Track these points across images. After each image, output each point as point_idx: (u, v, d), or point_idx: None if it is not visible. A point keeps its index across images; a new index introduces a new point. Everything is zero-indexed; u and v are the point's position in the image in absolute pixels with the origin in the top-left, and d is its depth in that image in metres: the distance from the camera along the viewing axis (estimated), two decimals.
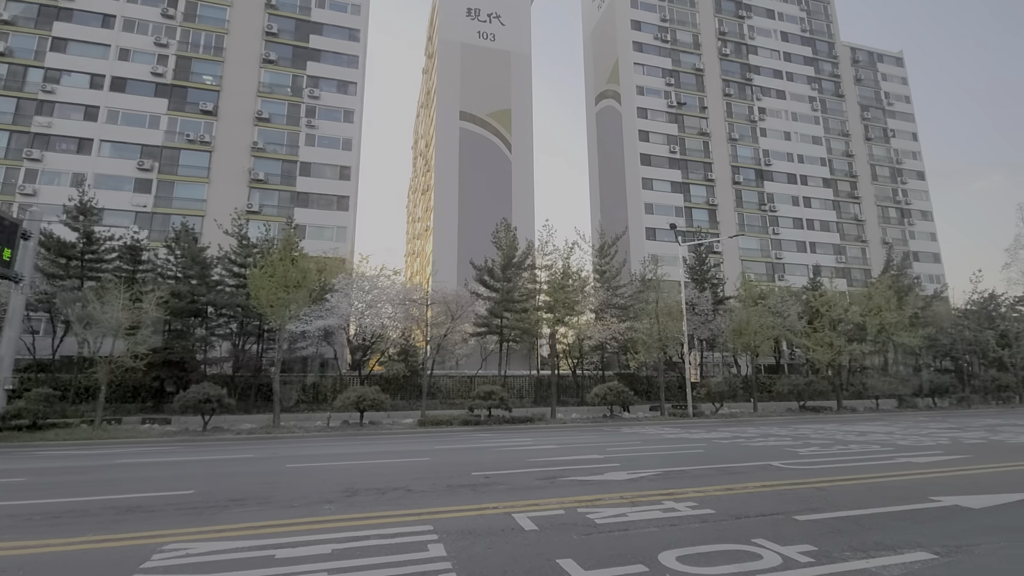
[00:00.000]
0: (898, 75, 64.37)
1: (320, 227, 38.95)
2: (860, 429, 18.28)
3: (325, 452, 13.74)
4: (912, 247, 58.49)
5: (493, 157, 59.24)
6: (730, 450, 12.97)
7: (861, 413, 27.48)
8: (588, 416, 24.91)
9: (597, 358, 33.85)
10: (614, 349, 32.41)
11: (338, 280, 26.89)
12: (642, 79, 52.78)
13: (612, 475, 9.01)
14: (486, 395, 22.52)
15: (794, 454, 11.74)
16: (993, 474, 8.76)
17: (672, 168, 51.18)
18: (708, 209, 51.43)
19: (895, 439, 14.70)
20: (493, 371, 32.87)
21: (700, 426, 21.15)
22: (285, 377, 28.38)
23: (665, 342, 26.47)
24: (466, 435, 18.67)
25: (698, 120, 53.54)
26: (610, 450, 13.16)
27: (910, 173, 60.98)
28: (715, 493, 7.35)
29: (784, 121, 56.78)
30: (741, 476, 8.85)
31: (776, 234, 52.70)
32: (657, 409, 27.41)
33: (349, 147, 41.37)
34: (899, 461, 10.43)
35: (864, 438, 15.14)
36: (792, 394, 27.91)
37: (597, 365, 34.15)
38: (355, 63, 43.23)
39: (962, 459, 10.67)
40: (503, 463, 10.81)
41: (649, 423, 23.22)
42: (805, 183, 55.61)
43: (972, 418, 23.76)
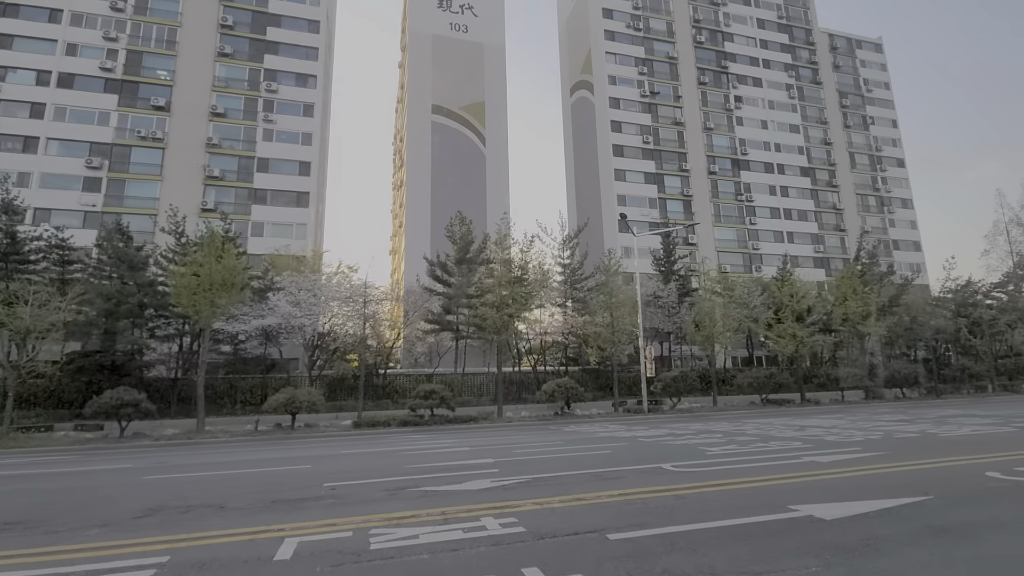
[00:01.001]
0: (877, 61, 63.52)
1: (279, 224, 37.90)
2: (805, 423, 17.49)
3: (216, 460, 12.83)
4: (892, 235, 57.79)
5: (467, 151, 58.23)
6: (642, 450, 12.14)
7: (824, 406, 26.71)
8: (539, 414, 24.08)
9: (562, 354, 33.00)
10: (577, 344, 31.57)
11: (283, 278, 25.94)
12: (614, 68, 51.79)
13: (472, 484, 8.15)
14: (426, 395, 21.64)
15: (703, 454, 10.92)
16: (885, 475, 7.92)
17: (645, 159, 50.28)
18: (683, 200, 50.56)
19: (828, 434, 13.88)
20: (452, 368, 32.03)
21: (645, 423, 20.31)
22: (233, 379, 27.49)
23: (619, 336, 25.63)
24: (394, 437, 17.80)
25: (672, 109, 52.61)
26: (516, 452, 12.33)
27: (890, 160, 60.22)
28: (554, 505, 6.50)
29: (761, 109, 55.91)
30: (613, 482, 8.01)
31: (753, 224, 51.90)
32: (634, 403, 26.56)
33: (309, 142, 40.30)
34: (804, 460, 9.60)
35: (799, 433, 14.33)
36: (752, 387, 27.13)
37: (562, 361, 33.31)
38: (315, 55, 42.11)
39: (872, 457, 9.85)
40: (376, 471, 9.96)
41: (598, 420, 22.38)
42: (782, 172, 54.80)
43: (933, 409, 23.01)
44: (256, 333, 24.82)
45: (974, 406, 23.83)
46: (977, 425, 15.19)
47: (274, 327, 24.23)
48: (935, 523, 5.19)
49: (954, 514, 5.52)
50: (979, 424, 15.48)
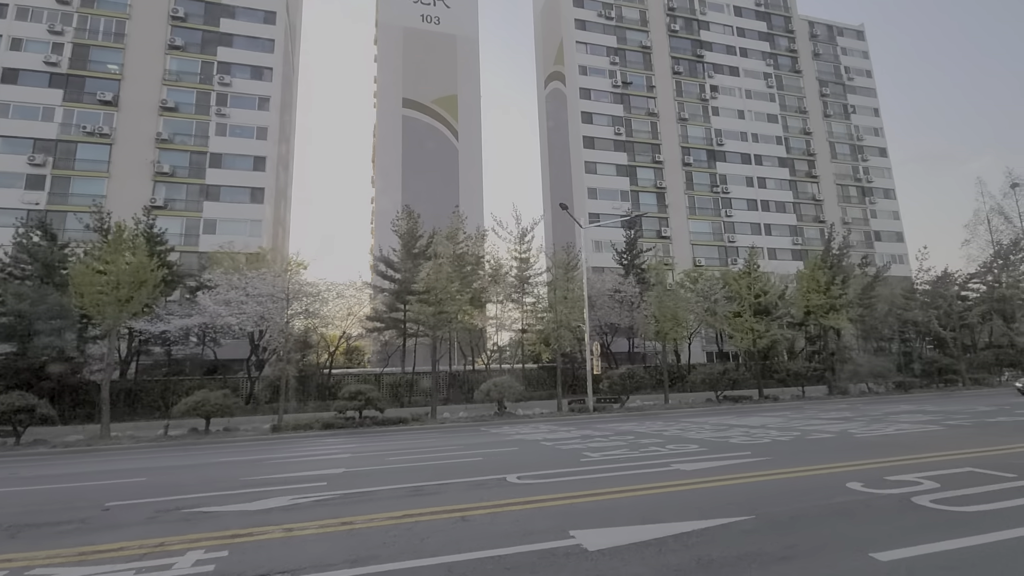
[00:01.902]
0: (859, 49, 62.20)
1: (232, 221, 36.85)
2: (737, 423, 16.48)
3: (64, 472, 11.85)
4: (874, 226, 56.61)
5: (439, 145, 57.16)
6: (521, 457, 11.19)
7: (780, 403, 25.67)
8: (478, 415, 23.07)
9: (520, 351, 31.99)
10: (534, 341, 30.57)
11: (214, 276, 24.91)
12: (585, 58, 50.57)
13: (269, 502, 7.29)
14: (352, 396, 20.65)
15: (578, 461, 10.01)
16: (732, 487, 6.97)
17: (617, 151, 49.10)
18: (656, 192, 49.41)
19: (741, 436, 12.86)
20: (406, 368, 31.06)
21: (578, 424, 19.30)
22: (154, 382, 26.47)
23: (563, 332, 24.58)
24: (296, 443, 16.82)
25: (645, 100, 51.39)
26: (389, 460, 11.39)
27: (872, 150, 58.98)
28: (309, 532, 5.66)
29: (737, 99, 54.67)
30: (424, 498, 7.24)
31: (729, 216, 50.74)
32: (578, 402, 25.52)
33: (265, 136, 39.21)
34: (670, 469, 8.64)
35: (714, 434, 13.34)
36: (706, 384, 26.08)
37: (519, 359, 32.30)
38: (271, 48, 40.98)
39: (752, 463, 8.87)
40: (197, 485, 9.00)
41: (537, 420, 21.39)
42: (760, 163, 53.60)
43: (887, 405, 21.98)
44: (190, 333, 23.82)
45: (931, 401, 22.80)
46: (910, 423, 14.19)
47: (199, 327, 23.20)
48: (711, 555, 4.30)
49: (749, 542, 4.61)
50: (915, 422, 14.47)
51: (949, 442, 10.42)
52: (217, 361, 28.70)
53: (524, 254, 33.58)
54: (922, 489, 6.50)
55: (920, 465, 8.05)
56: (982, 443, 10.13)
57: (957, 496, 6.08)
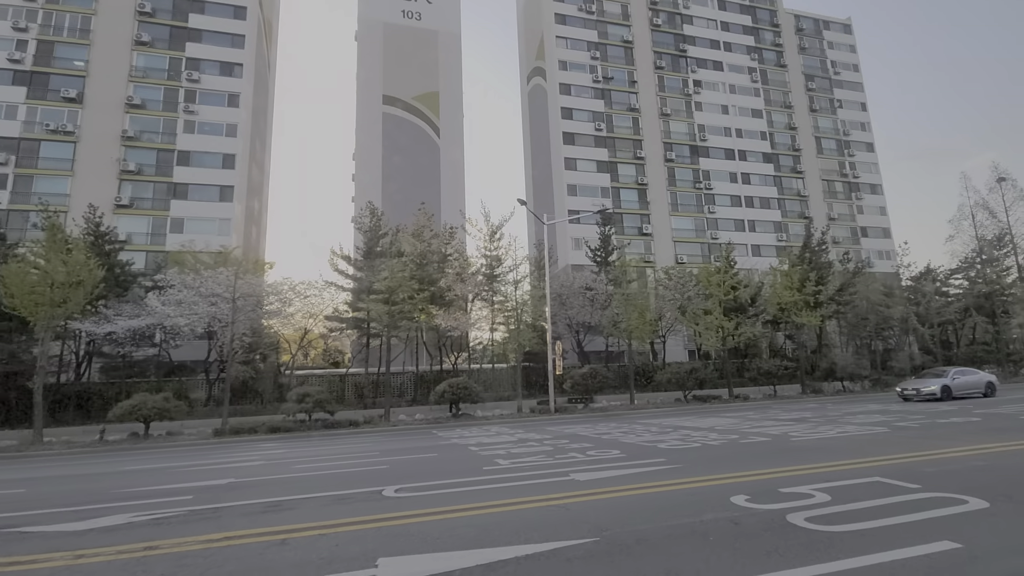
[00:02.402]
0: (846, 43, 61.51)
1: (200, 220, 36.19)
2: (689, 424, 15.87)
3: None
4: (861, 222, 55.97)
5: (420, 142, 56.52)
6: (431, 464, 10.62)
7: (750, 402, 25.04)
8: (434, 416, 22.44)
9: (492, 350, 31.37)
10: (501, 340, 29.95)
11: (166, 276, 24.28)
12: (565, 53, 49.88)
13: (101, 520, 6.76)
14: (300, 398, 20.01)
15: (480, 470, 9.35)
16: (607, 501, 6.36)
17: (598, 147, 48.44)
18: (638, 189, 48.75)
19: (677, 439, 12.24)
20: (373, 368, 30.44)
21: (530, 425, 18.67)
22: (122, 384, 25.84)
23: (524, 331, 23.95)
24: (238, 447, 16.24)
25: (627, 95, 50.71)
26: (295, 468, 10.79)
27: (858, 145, 58.31)
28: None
29: (721, 94, 53.99)
30: (276, 516, 6.63)
31: (712, 213, 50.11)
32: (545, 403, 24.92)
33: (235, 133, 38.53)
34: (566, 479, 8.04)
35: (654, 437, 12.75)
36: (673, 384, 25.45)
37: (490, 359, 31.68)
38: (241, 43, 40.28)
39: (660, 471, 8.31)
40: (70, 498, 8.36)
41: (493, 422, 20.77)
42: (744, 159, 52.95)
43: (851, 405, 21.35)
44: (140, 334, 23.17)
45: (900, 401, 22.18)
46: (860, 425, 13.58)
47: (147, 328, 22.56)
48: None
49: (564, 572, 4.11)
50: (866, 424, 13.86)
51: (882, 447, 9.82)
52: (182, 363, 28.08)
53: (495, 251, 33.18)
54: (807, 504, 5.92)
55: (829, 474, 7.45)
56: (914, 447, 9.52)
57: (839, 512, 5.49)
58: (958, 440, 10.06)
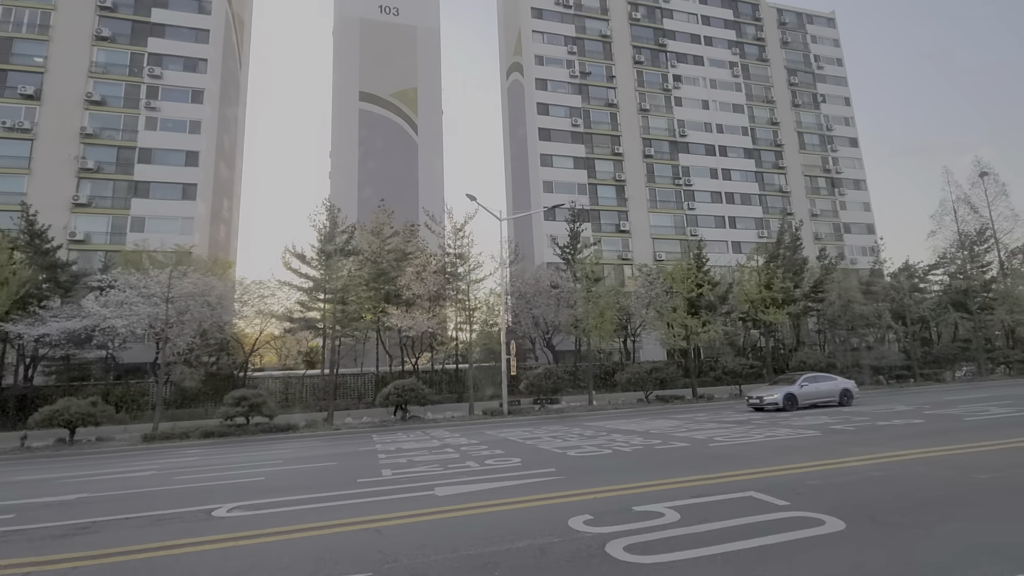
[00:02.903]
0: (829, 36, 60.77)
1: (162, 219, 35.37)
2: (629, 428, 15.25)
3: None
4: (844, 218, 55.28)
5: (397, 139, 55.73)
6: (316, 476, 10.15)
7: (717, 401, 24.38)
8: (380, 419, 21.73)
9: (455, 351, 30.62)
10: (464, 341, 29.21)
11: (110, 276, 23.52)
12: (542, 48, 49.09)
13: None
14: (236, 401, 19.29)
15: (354, 482, 8.75)
16: (424, 524, 5.61)
17: (575, 143, 47.67)
18: (615, 185, 48.01)
19: (599, 445, 11.55)
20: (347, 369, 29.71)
21: (473, 429, 17.98)
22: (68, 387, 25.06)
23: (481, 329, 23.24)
24: (158, 453, 15.61)
25: (605, 90, 49.93)
26: (177, 480, 10.11)
27: (842, 140, 57.60)
28: None
29: (702, 89, 53.23)
30: (74, 540, 5.82)
31: (692, 209, 49.38)
32: (515, 403, 24.21)
33: (198, 130, 37.69)
34: (426, 494, 7.34)
35: (575, 443, 12.00)
36: (633, 384, 24.74)
37: (455, 359, 30.96)
38: (206, 38, 39.42)
39: (523, 486, 7.68)
40: None
41: (442, 425, 20.08)
42: (725, 154, 52.21)
43: None
44: (75, 335, 22.38)
45: (860, 401, 21.51)
46: (793, 429, 12.95)
47: (83, 331, 21.76)
48: None
49: None
50: (801, 427, 13.22)
51: (795, 454, 9.16)
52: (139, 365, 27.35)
53: (457, 249, 32.50)
54: (647, 526, 5.30)
55: (706, 487, 6.79)
56: (825, 455, 8.86)
57: (673, 537, 4.88)
58: (872, 447, 9.37)
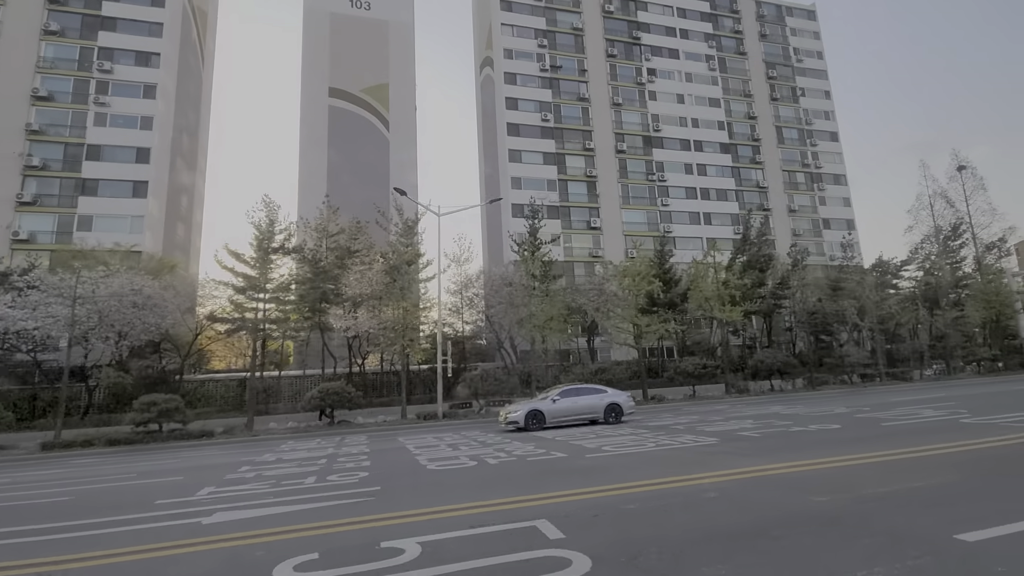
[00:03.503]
0: (809, 29, 59.82)
1: (110, 217, 34.37)
2: (525, 439, 14.14)
3: None
4: (823, 214, 54.32)
5: (368, 136, 54.71)
6: (139, 493, 8.88)
7: (668, 403, 23.41)
8: (304, 425, 20.75)
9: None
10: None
11: (32, 276, 22.52)
12: (511, 41, 48.09)
13: None
14: (145, 406, 18.30)
15: (154, 503, 7.67)
16: None
17: (545, 138, 46.68)
18: (587, 181, 47.04)
19: (461, 456, 10.54)
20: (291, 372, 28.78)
21: (386, 436, 17.02)
22: None
23: (409, 332, 22.26)
24: (42, 464, 14.59)
25: (576, 84, 48.96)
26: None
27: (821, 134, 56.67)
28: None
29: (677, 83, 52.26)
30: None
31: (665, 205, 48.43)
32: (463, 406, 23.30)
33: (150, 126, 36.66)
34: (189, 522, 6.31)
35: (441, 455, 10.96)
36: None
37: (392, 361, 30.00)
38: (159, 31, 38.37)
39: (295, 513, 6.58)
40: None
41: (366, 430, 19.11)
42: (700, 149, 51.26)
43: (758, 407, 19.74)
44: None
45: (808, 402, 20.59)
46: (699, 436, 11.88)
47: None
48: None
49: None
50: (712, 433, 12.20)
51: (666, 467, 8.19)
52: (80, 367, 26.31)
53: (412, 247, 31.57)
54: (364, 570, 4.32)
55: (496, 514, 5.89)
56: (693, 469, 7.86)
57: None
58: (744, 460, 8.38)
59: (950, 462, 7.24)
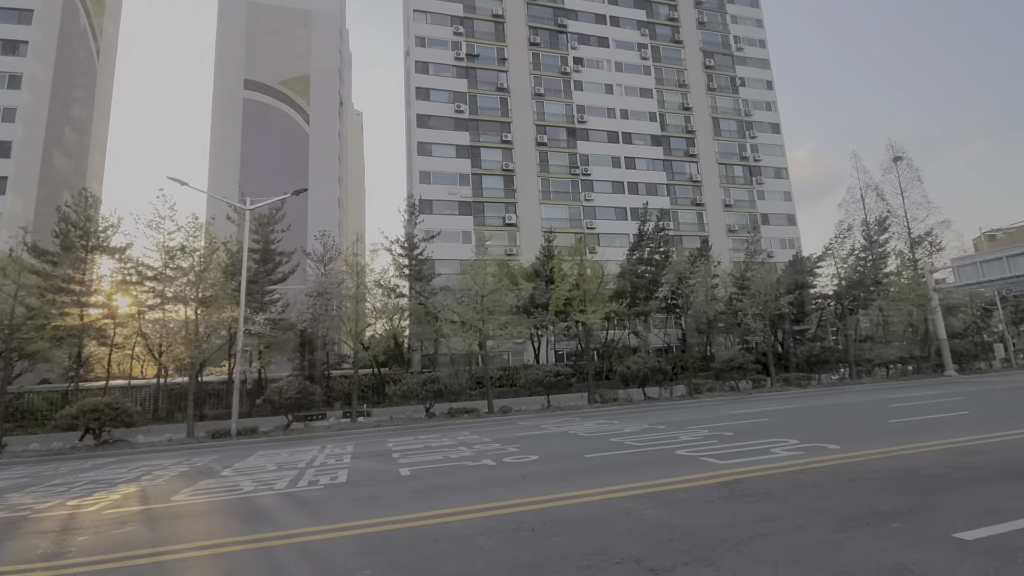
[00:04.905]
0: (751, 16, 57.49)
1: None
2: (294, 456, 11.82)
3: None
4: (761, 208, 52.07)
5: (286, 130, 52.40)
6: None
7: (516, 414, 21.04)
8: (71, 447, 18.41)
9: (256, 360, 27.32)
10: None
11: None
12: (425, 28, 45.70)
13: None
14: None
15: None
16: None
17: (458, 130, 44.33)
18: (504, 175, 44.71)
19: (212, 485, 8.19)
20: (119, 381, 26.44)
21: (138, 459, 14.70)
22: None
23: (202, 337, 19.93)
24: None
25: (496, 74, 46.62)
26: None
27: (762, 126, 54.37)
28: None
29: (606, 72, 49.94)
30: None
31: (589, 200, 46.14)
32: (316, 418, 20.98)
33: (13, 118, 34.32)
34: None
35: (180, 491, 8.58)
36: (407, 396, 21.45)
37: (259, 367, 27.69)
38: (28, 18, 35.97)
39: None
40: None
41: (138, 453, 16.90)
42: (629, 141, 48.96)
43: (582, 420, 17.43)
44: None
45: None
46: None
47: None
48: None
49: None
50: (467, 454, 9.81)
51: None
52: None
53: (270, 244, 29.48)
54: None
55: None
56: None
57: None
58: None
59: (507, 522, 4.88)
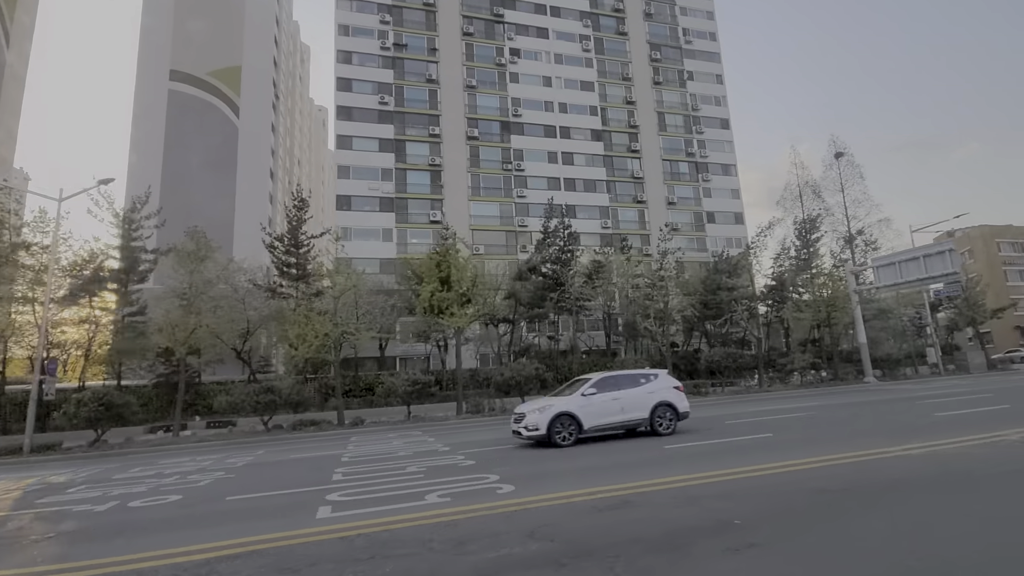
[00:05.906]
0: (702, 8, 55.72)
1: None
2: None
3: None
4: (707, 206, 50.41)
5: (214, 123, 50.22)
6: None
7: (362, 429, 19.24)
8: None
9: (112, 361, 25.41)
10: None
11: None
12: (348, 16, 43.70)
13: None
14: None
15: None
16: None
17: (382, 123, 42.37)
18: (430, 170, 42.81)
19: None
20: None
21: None
22: None
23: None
24: None
25: (425, 64, 44.68)
26: None
27: (710, 121, 52.67)
28: None
29: (544, 64, 48.11)
30: None
31: (523, 197, 44.31)
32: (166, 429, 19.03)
33: None
34: None
35: None
36: (246, 408, 19.57)
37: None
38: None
39: None
40: None
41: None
42: (568, 136, 47.17)
43: (396, 437, 15.64)
44: None
45: (436, 430, 16.52)
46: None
47: None
48: None
49: None
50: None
51: None
52: None
53: (132, 241, 27.57)
54: None
55: None
56: None
57: None
58: None
59: None
